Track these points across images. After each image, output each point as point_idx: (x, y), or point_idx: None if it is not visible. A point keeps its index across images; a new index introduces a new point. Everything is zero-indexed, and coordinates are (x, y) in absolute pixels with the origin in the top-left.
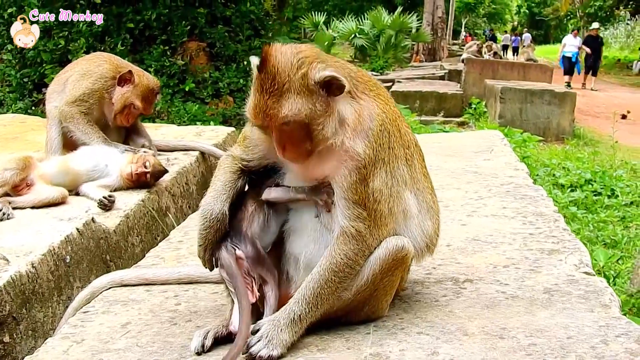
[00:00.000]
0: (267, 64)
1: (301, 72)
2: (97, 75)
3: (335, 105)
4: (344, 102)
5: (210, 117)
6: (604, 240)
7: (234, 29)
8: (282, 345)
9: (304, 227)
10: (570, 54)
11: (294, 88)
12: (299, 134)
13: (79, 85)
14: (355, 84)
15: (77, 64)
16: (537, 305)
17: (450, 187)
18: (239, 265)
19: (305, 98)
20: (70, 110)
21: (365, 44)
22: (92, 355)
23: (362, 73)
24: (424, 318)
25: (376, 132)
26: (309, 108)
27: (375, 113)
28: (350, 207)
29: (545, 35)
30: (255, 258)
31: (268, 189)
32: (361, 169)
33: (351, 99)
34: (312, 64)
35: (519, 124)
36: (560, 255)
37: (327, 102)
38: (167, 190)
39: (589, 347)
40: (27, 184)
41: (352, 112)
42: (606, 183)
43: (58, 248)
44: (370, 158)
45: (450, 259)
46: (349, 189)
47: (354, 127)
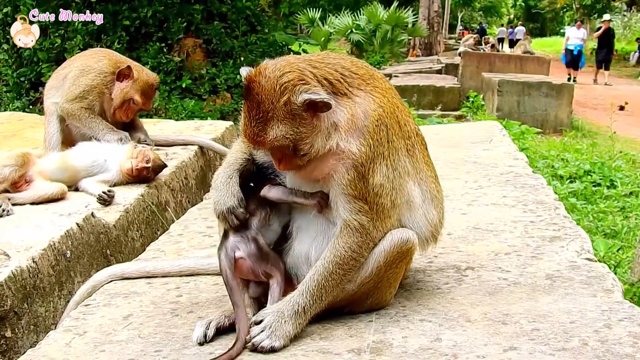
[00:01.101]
0: (251, 92)
1: (283, 100)
2: (96, 71)
3: (326, 118)
4: (337, 108)
5: (208, 113)
6: (604, 230)
7: (230, 25)
8: (285, 337)
9: (310, 224)
10: (572, 47)
11: (276, 116)
12: (291, 152)
13: (78, 82)
14: (350, 81)
15: (76, 59)
16: (540, 291)
17: (449, 177)
18: (240, 266)
19: (289, 124)
20: (71, 107)
21: (361, 40)
22: (94, 347)
23: (359, 65)
24: (426, 305)
25: (372, 128)
26: (294, 132)
27: (370, 109)
28: (351, 201)
29: (541, 28)
30: (257, 255)
31: (268, 187)
32: (358, 167)
33: (346, 100)
34: (295, 87)
35: (516, 116)
36: (562, 242)
37: (315, 122)
38: (166, 184)
39: (592, 331)
40: (26, 181)
41: (344, 115)
42: (605, 174)
43: (58, 243)
44: (367, 155)
45: (451, 248)
46: (348, 186)
47: (347, 128)
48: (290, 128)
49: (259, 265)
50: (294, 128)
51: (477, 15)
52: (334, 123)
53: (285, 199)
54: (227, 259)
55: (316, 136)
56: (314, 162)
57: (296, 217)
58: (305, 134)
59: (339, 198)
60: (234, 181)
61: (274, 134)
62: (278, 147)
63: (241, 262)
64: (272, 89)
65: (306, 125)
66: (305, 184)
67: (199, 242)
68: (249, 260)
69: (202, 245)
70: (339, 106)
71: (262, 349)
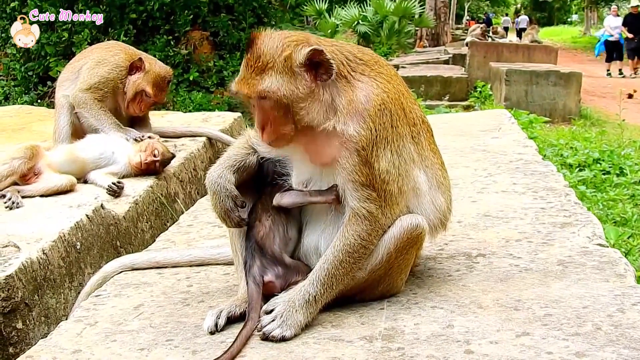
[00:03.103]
0: (254, 45)
1: (285, 54)
2: (112, 64)
3: (325, 92)
4: (335, 88)
5: (216, 105)
6: (614, 218)
7: (237, 17)
8: (296, 326)
9: (318, 216)
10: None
11: (276, 67)
12: (279, 115)
13: (94, 72)
14: (354, 66)
15: (92, 51)
16: (551, 276)
17: (459, 165)
18: (270, 288)
19: (286, 78)
20: (83, 97)
21: (368, 31)
22: (105, 336)
23: (364, 52)
24: (438, 292)
25: (373, 112)
26: (290, 89)
27: (373, 94)
28: (358, 189)
29: (549, 17)
30: (285, 273)
31: (279, 194)
32: (360, 150)
33: (345, 84)
34: (299, 45)
35: (525, 106)
36: (573, 228)
37: (313, 86)
38: (175, 176)
39: (605, 316)
40: (34, 173)
41: (344, 97)
42: (614, 162)
43: (68, 235)
44: (368, 139)
45: (462, 235)
46: (353, 172)
47: (347, 111)
48: (286, 83)
49: (287, 281)
50: (291, 85)
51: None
52: (334, 104)
53: (301, 202)
54: (256, 285)
55: (312, 104)
56: (317, 144)
57: (303, 212)
58: (300, 96)
59: (347, 186)
60: (225, 180)
61: (269, 84)
62: (269, 104)
63: (271, 286)
64: (275, 45)
65: (304, 88)
66: (312, 174)
67: (209, 232)
68: (277, 281)
69: (211, 235)
70: (339, 89)
71: (273, 338)
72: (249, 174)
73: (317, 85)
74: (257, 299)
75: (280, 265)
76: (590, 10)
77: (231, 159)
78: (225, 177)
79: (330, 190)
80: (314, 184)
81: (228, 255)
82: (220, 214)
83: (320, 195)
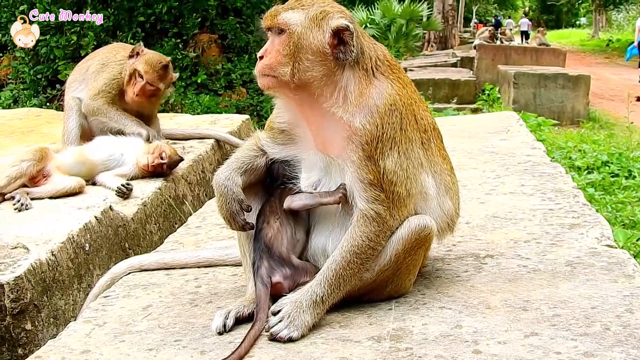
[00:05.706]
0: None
1: (324, 9)
2: (114, 62)
3: (343, 73)
4: (353, 76)
5: (224, 108)
6: (623, 220)
7: (245, 20)
8: (303, 327)
9: (326, 218)
10: None
11: (309, 12)
12: (284, 52)
13: (99, 77)
14: (379, 65)
15: (97, 53)
16: (560, 277)
17: (467, 167)
18: (278, 289)
19: (311, 25)
20: (95, 104)
21: (376, 34)
22: (114, 337)
23: (390, 57)
24: (446, 293)
25: (383, 109)
26: (307, 34)
27: (387, 93)
28: (367, 189)
29: (557, 20)
30: (292, 275)
31: (289, 198)
32: (364, 144)
33: (364, 76)
34: (340, 13)
35: (533, 108)
36: (581, 229)
37: (329, 57)
38: (183, 178)
39: (614, 316)
40: (43, 175)
41: (357, 88)
42: (623, 164)
43: (77, 236)
44: (373, 134)
45: (470, 236)
46: (360, 167)
47: (357, 102)
48: (307, 28)
49: (295, 281)
50: (311, 32)
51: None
52: (346, 92)
53: (312, 204)
54: (264, 286)
55: (318, 67)
56: (325, 130)
57: (312, 212)
58: (312, 48)
59: (355, 186)
60: (232, 182)
61: (292, 17)
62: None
63: (279, 287)
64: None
65: (320, 45)
66: (321, 175)
67: (217, 233)
68: (285, 282)
69: (219, 236)
70: (356, 79)
71: (281, 339)
72: (257, 176)
73: (334, 59)
74: (265, 300)
75: (288, 266)
76: (598, 13)
77: (239, 160)
78: (233, 179)
79: (338, 190)
80: (323, 186)
81: (236, 257)
82: (225, 216)
83: (330, 195)
